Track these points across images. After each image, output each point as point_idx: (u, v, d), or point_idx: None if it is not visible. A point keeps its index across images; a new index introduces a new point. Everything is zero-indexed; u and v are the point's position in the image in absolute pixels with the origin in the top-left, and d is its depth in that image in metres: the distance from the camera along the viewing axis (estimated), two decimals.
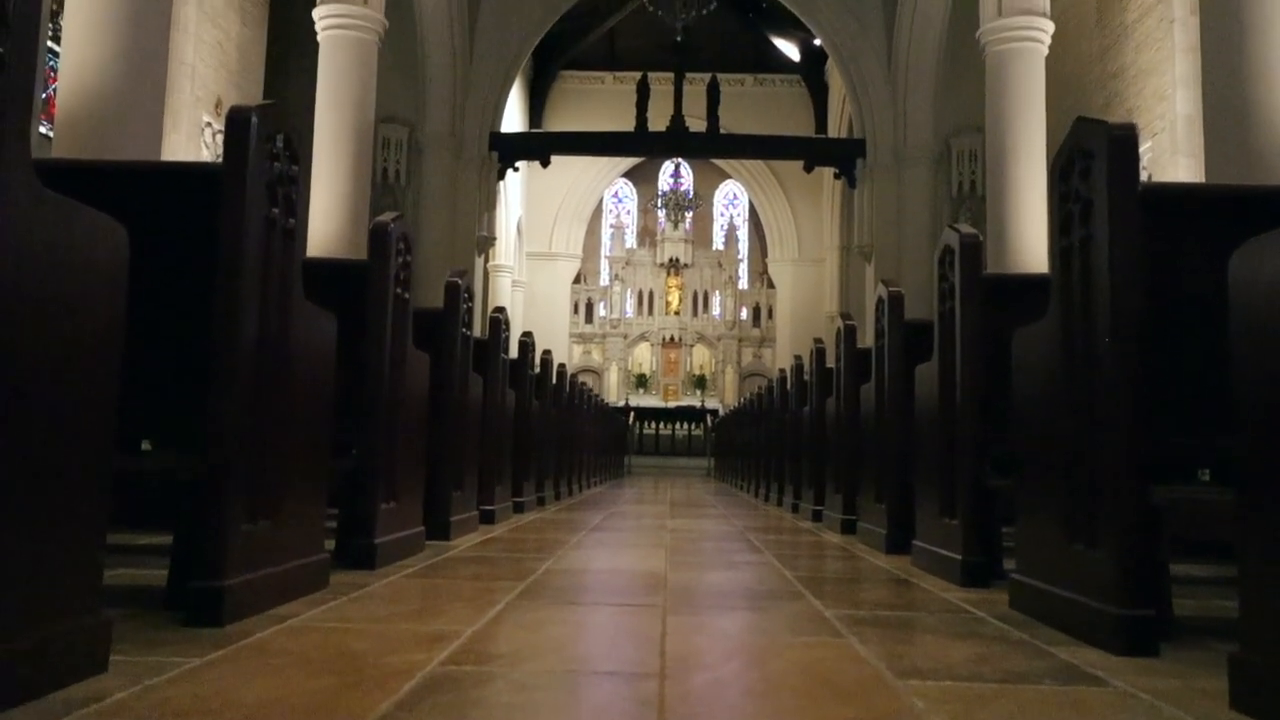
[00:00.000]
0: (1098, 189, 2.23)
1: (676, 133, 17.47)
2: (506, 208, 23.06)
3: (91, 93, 5.42)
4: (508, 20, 16.15)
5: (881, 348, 4.39)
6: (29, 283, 1.47)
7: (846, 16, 16.23)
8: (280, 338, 2.37)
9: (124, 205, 2.08)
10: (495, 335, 5.23)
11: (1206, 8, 6.19)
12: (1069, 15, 12.84)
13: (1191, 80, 10.05)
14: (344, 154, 10.17)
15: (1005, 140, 10.10)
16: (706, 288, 28.52)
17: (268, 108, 2.25)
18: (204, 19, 10.94)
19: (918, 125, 15.42)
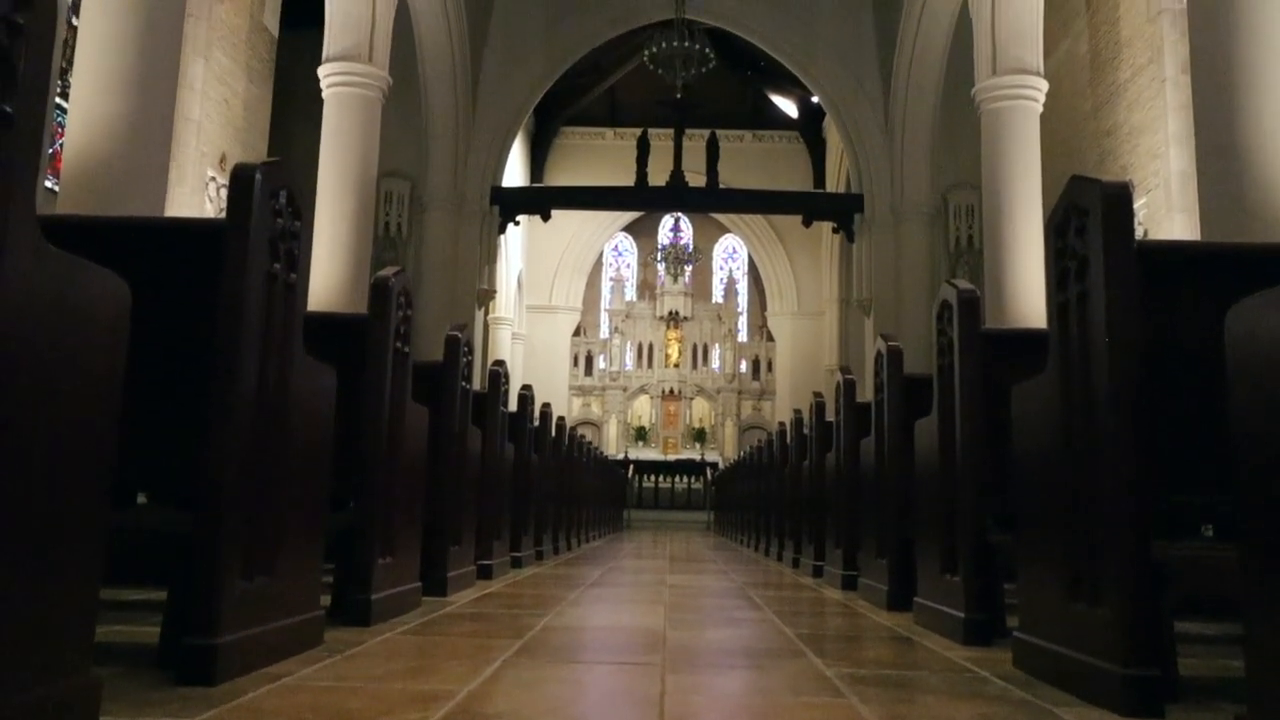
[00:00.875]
0: (1093, 246, 2.24)
1: (676, 187, 17.67)
2: (507, 261, 23.21)
3: (98, 149, 5.49)
4: (510, 78, 16.41)
5: (881, 402, 4.39)
6: (31, 338, 1.47)
7: (844, 75, 16.50)
8: (279, 392, 2.37)
9: (127, 260, 2.09)
10: (495, 388, 5.23)
11: (1197, 68, 6.29)
12: (1062, 74, 13.05)
13: (1184, 138, 10.18)
14: (346, 208, 10.27)
15: (1001, 196, 10.21)
16: (706, 341, 28.60)
17: (271, 165, 2.27)
18: (211, 77, 11.11)
19: (915, 181, 15.60)
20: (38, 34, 1.40)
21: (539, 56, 16.64)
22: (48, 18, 1.41)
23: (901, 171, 15.73)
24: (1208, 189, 5.72)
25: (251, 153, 12.17)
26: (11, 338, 1.42)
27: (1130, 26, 11.65)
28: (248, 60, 11.99)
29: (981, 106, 10.57)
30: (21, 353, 1.45)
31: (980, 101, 10.57)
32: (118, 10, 5.71)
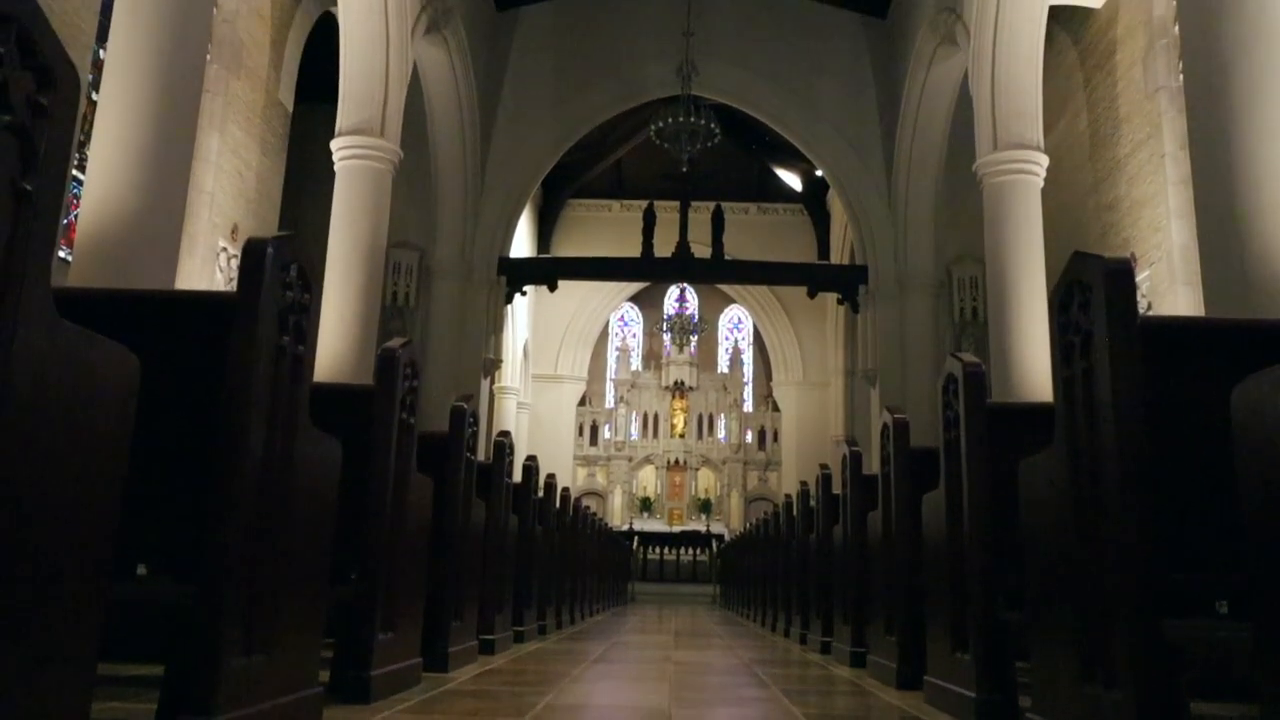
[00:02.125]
0: (1097, 321, 2.25)
1: (682, 258, 17.82)
2: (513, 330, 23.34)
3: (112, 221, 5.58)
4: (519, 151, 16.70)
5: (888, 475, 4.36)
6: (42, 411, 1.48)
7: (847, 149, 16.77)
8: (284, 465, 2.37)
9: (137, 332, 2.11)
10: (499, 459, 5.21)
11: (1196, 143, 6.38)
12: (1062, 149, 13.25)
13: (1185, 211, 10.29)
14: (355, 278, 10.37)
15: (1005, 269, 10.28)
16: (711, 411, 28.56)
17: (283, 239, 2.31)
18: (225, 149, 11.32)
19: (919, 253, 15.73)
20: (60, 114, 1.43)
21: (548, 130, 16.96)
22: (71, 98, 1.45)
23: (905, 244, 15.87)
24: (1210, 264, 5.76)
25: (263, 224, 12.34)
26: (23, 411, 1.42)
27: (1129, 103, 11.86)
28: (262, 134, 12.23)
29: (984, 181, 10.70)
30: (32, 426, 1.45)
31: (982, 176, 10.71)
32: (137, 87, 5.85)
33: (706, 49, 16.13)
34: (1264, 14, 6.19)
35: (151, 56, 5.92)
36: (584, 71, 17.01)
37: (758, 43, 17.06)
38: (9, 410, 1.40)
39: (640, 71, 16.91)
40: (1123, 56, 12.01)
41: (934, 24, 13.25)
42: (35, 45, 1.37)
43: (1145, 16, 11.37)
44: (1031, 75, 10.62)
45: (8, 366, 1.38)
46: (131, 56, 5.94)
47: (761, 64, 17.00)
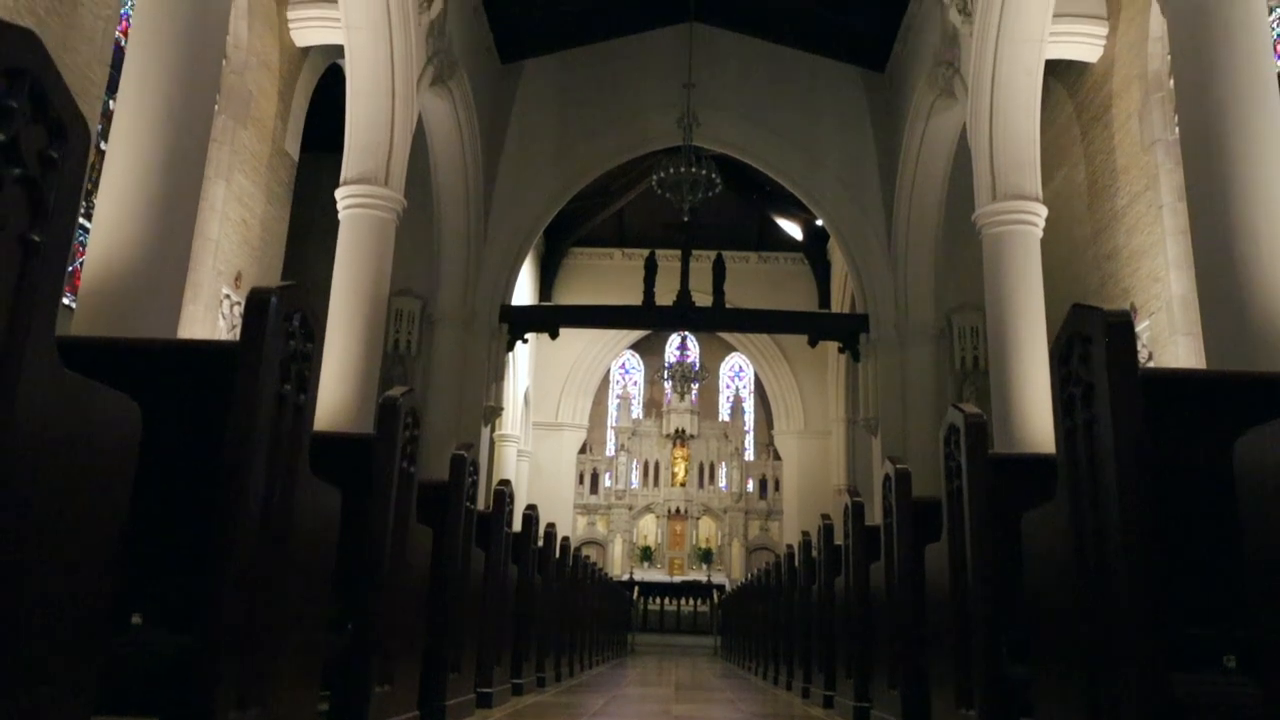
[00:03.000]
0: (1098, 373, 2.26)
1: (683, 307, 17.89)
2: (514, 378, 23.34)
3: (117, 269, 5.61)
4: (522, 200, 16.85)
5: (890, 525, 4.34)
6: (44, 461, 1.48)
7: (846, 199, 16.92)
8: (283, 513, 2.36)
9: (139, 381, 2.12)
10: (499, 509, 5.18)
11: (1193, 195, 6.44)
12: (1061, 199, 13.36)
13: (1184, 262, 10.34)
14: (357, 326, 10.40)
15: (1005, 318, 10.30)
16: (713, 459, 28.45)
17: (287, 289, 2.32)
18: (231, 198, 11.43)
19: (919, 302, 15.79)
20: (70, 167, 1.45)
21: (550, 180, 17.12)
22: (81, 151, 1.47)
23: (905, 293, 15.93)
24: (1210, 315, 5.78)
25: (267, 271, 12.42)
26: (25, 461, 1.42)
27: (1125, 155, 11.98)
28: (268, 182, 12.36)
29: (983, 231, 10.77)
30: (34, 476, 1.45)
31: (981, 226, 10.78)
32: (145, 138, 5.92)
33: (707, 100, 16.35)
34: (1256, 69, 6.30)
35: (160, 108, 6.01)
36: (587, 122, 17.23)
37: (758, 94, 17.30)
38: (11, 459, 1.40)
39: (642, 122, 17.12)
40: (1119, 110, 12.16)
41: (932, 77, 13.44)
42: (48, 99, 1.39)
43: (1140, 70, 11.53)
44: (1029, 127, 10.74)
45: (11, 416, 1.38)
46: (141, 108, 6.03)
47: (762, 115, 17.22)
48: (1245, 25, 6.38)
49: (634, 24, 17.34)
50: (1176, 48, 6.82)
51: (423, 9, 11.81)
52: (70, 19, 8.17)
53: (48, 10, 7.86)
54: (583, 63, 17.41)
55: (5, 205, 1.31)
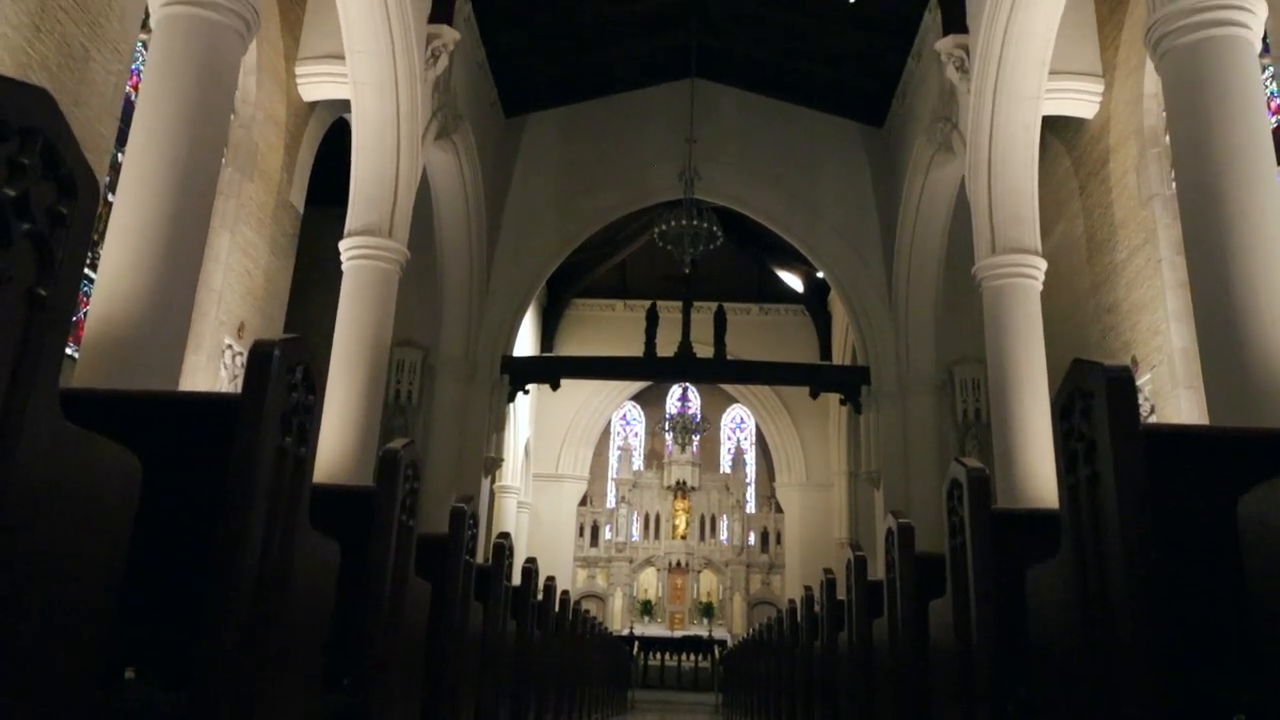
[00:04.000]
0: (1100, 429, 2.25)
1: (684, 358, 17.93)
2: (515, 429, 23.30)
3: (120, 320, 5.64)
4: (524, 253, 16.99)
5: (893, 581, 4.29)
6: (43, 513, 1.48)
7: (847, 251, 17.04)
8: (282, 568, 2.34)
9: (140, 433, 2.12)
10: (499, 562, 5.14)
11: (1191, 251, 6.49)
12: (1060, 253, 13.44)
13: (1184, 315, 10.37)
14: (359, 377, 10.42)
15: (1006, 371, 10.31)
16: (714, 512, 28.26)
17: (290, 342, 2.33)
18: (236, 249, 11.52)
19: (920, 354, 15.81)
20: (79, 222, 1.47)
21: (553, 232, 17.27)
22: (90, 207, 1.48)
23: (907, 345, 15.97)
24: (1212, 370, 5.78)
25: (270, 322, 12.46)
26: (25, 512, 1.42)
27: (1123, 210, 12.08)
28: (272, 234, 12.46)
29: (983, 284, 10.82)
30: (33, 527, 1.45)
31: (981, 279, 10.84)
32: (152, 191, 5.99)
33: (708, 155, 16.56)
34: (1251, 126, 6.38)
35: (168, 162, 6.09)
36: (589, 175, 17.43)
37: (758, 148, 17.51)
38: (11, 511, 1.39)
39: (644, 176, 17.32)
40: (1116, 164, 12.29)
41: (930, 132, 13.61)
42: (59, 157, 1.41)
43: (1136, 126, 11.68)
44: (1027, 182, 10.85)
45: (12, 469, 1.38)
46: (149, 161, 6.10)
47: (762, 169, 17.43)
48: (1239, 83, 6.48)
49: (636, 80, 17.63)
50: (1171, 105, 6.92)
51: (428, 65, 12.01)
52: (82, 74, 8.30)
53: (60, 66, 7.99)
54: (585, 117, 17.66)
55: (13, 260, 1.32)
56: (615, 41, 16.90)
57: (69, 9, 8.07)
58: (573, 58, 16.86)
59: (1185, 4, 6.63)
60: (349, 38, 10.99)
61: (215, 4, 6.68)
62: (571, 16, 15.77)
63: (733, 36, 17.06)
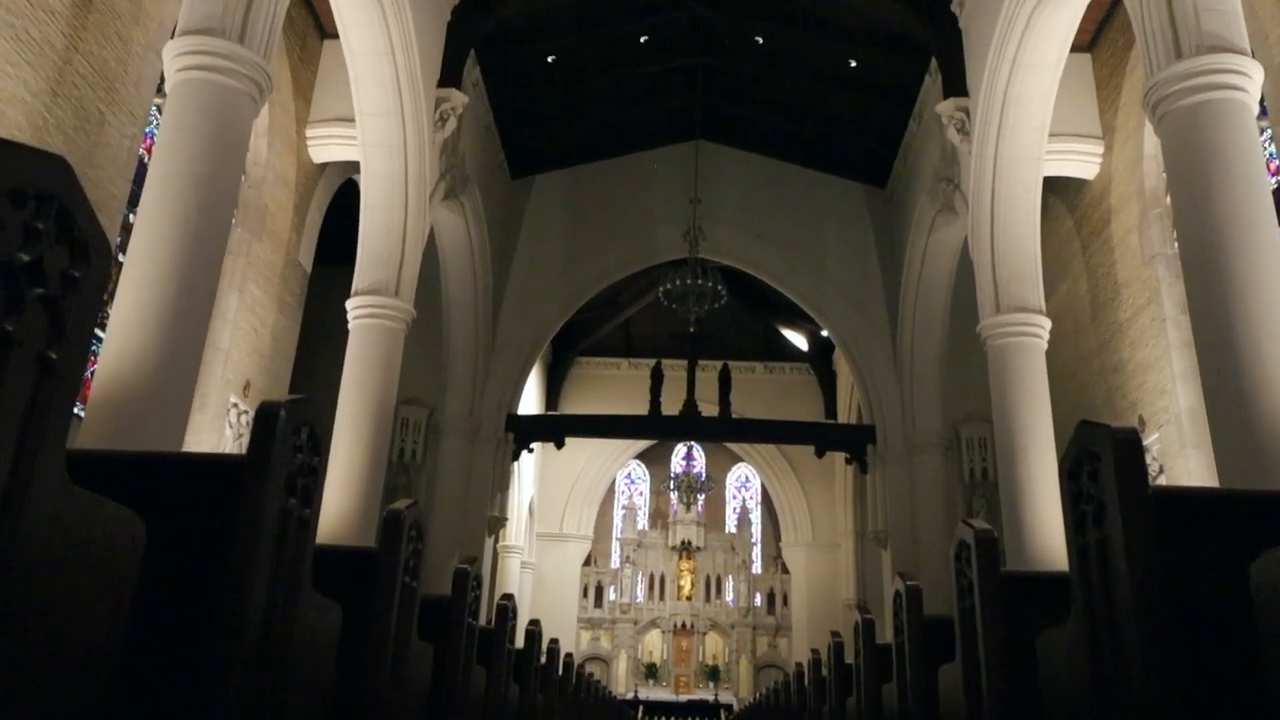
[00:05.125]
0: (1108, 491, 2.24)
1: (689, 417, 17.89)
2: (519, 488, 23.18)
3: (127, 378, 5.66)
4: (529, 311, 17.07)
5: (901, 644, 4.23)
6: (47, 575, 1.47)
7: (851, 310, 17.10)
8: (283, 632, 2.31)
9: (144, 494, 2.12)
10: (501, 625, 5.08)
11: (1196, 311, 6.50)
12: (1064, 312, 13.47)
13: (1190, 374, 10.35)
14: (364, 435, 10.40)
15: (1013, 430, 10.25)
16: (719, 572, 27.93)
17: (296, 403, 2.33)
18: (244, 308, 11.60)
19: (926, 413, 15.76)
20: (90, 286, 1.48)
21: (558, 291, 17.38)
22: (102, 272, 1.50)
23: (912, 404, 15.93)
24: (1220, 431, 5.75)
25: (276, 380, 12.49)
26: (29, 574, 1.41)
27: (1127, 269, 12.13)
28: (280, 293, 12.55)
29: (987, 343, 10.82)
30: (37, 590, 1.44)
31: (986, 338, 10.84)
32: (162, 251, 6.06)
33: (713, 215, 16.73)
34: (1251, 188, 6.44)
35: (179, 223, 6.16)
36: (595, 235, 17.59)
37: (763, 208, 17.70)
38: (16, 573, 1.39)
39: (649, 235, 17.48)
40: (1118, 225, 12.38)
41: (933, 193, 13.74)
42: (73, 221, 1.43)
43: (1137, 187, 11.78)
44: (1030, 241, 10.92)
45: (17, 531, 1.37)
46: (160, 222, 6.18)
47: (766, 228, 17.58)
48: (1237, 145, 6.55)
49: (642, 142, 17.89)
50: (1171, 167, 6.99)
51: (437, 128, 12.20)
52: (97, 137, 8.45)
53: (75, 129, 8.14)
54: (591, 177, 17.88)
55: (25, 324, 1.33)
56: (621, 105, 17.20)
57: (86, 75, 8.24)
58: (578, 121, 17.13)
59: (1182, 68, 6.73)
60: (359, 100, 11.19)
61: (230, 69, 6.82)
62: (577, 81, 16.07)
63: (737, 100, 17.35)
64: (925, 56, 13.78)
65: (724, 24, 15.29)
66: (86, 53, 8.21)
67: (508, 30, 13.91)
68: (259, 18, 7.08)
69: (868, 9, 13.48)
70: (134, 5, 8.85)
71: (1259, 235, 6.26)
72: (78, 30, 8.07)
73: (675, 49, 16.00)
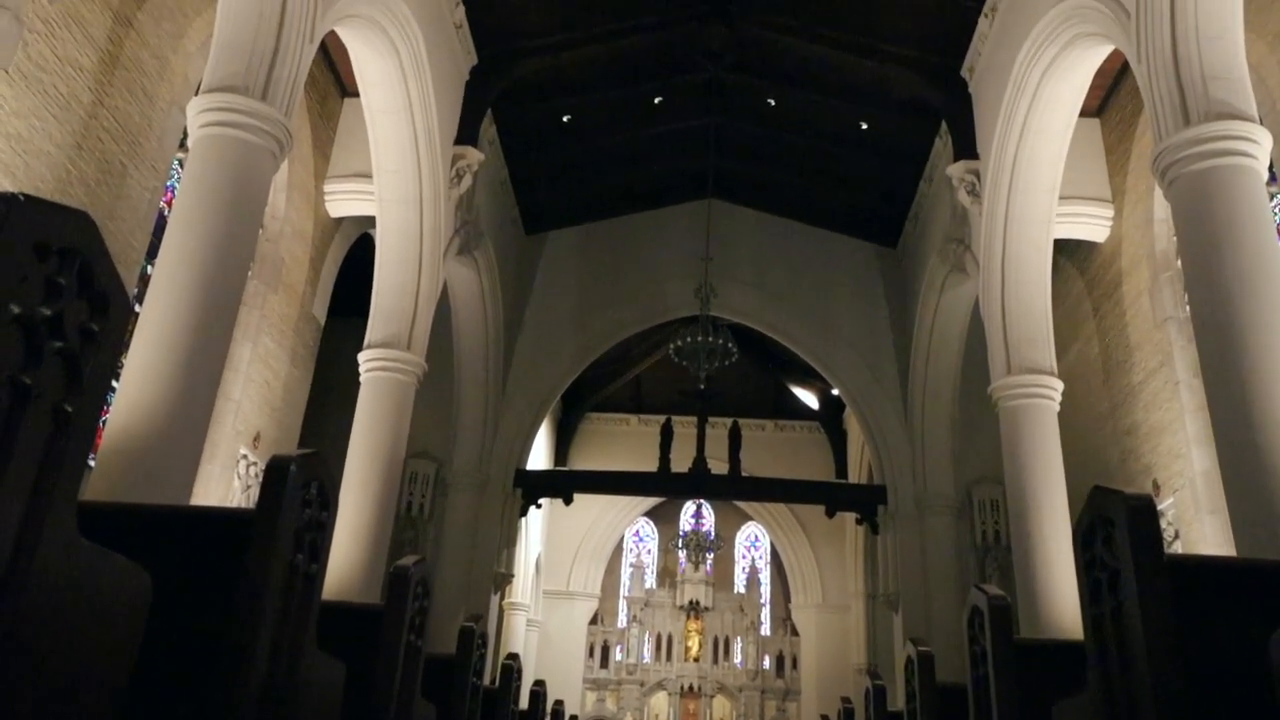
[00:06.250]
0: (1123, 558, 2.21)
1: (699, 474, 17.79)
2: (526, 544, 23.00)
3: (138, 430, 5.68)
4: (540, 366, 17.10)
5: (913, 711, 4.15)
6: (53, 629, 1.46)
7: (862, 369, 17.07)
8: (287, 687, 2.29)
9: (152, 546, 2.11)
10: (506, 685, 5.01)
11: (1209, 377, 6.46)
12: (1076, 374, 13.42)
13: (1204, 438, 10.25)
14: (372, 489, 10.37)
15: (1025, 493, 10.15)
16: (727, 633, 27.51)
17: (307, 458, 2.34)
18: (256, 359, 11.66)
19: (937, 474, 15.63)
20: (108, 340, 1.50)
21: (569, 346, 17.42)
22: (120, 326, 1.52)
23: (924, 464, 15.81)
24: (1236, 499, 5.69)
25: (286, 432, 12.50)
26: (36, 626, 1.40)
27: (1138, 332, 12.11)
28: (293, 345, 12.63)
29: (999, 404, 10.77)
30: (44, 642, 1.43)
31: (998, 399, 10.79)
32: (178, 304, 6.12)
33: (724, 272, 16.81)
34: (1262, 251, 6.44)
35: (196, 275, 6.23)
36: (607, 291, 17.68)
37: (774, 267, 17.78)
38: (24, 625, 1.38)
39: (660, 292, 17.56)
40: (1129, 287, 12.38)
41: (943, 253, 13.80)
42: (94, 275, 1.45)
43: (1148, 250, 11.80)
44: (1041, 303, 10.91)
45: (27, 583, 1.37)
46: (177, 274, 6.25)
47: (777, 287, 17.65)
48: (1247, 211, 6.57)
49: (654, 200, 18.07)
50: (1182, 232, 7.01)
51: (453, 184, 12.37)
52: (119, 190, 8.59)
53: (98, 182, 8.28)
54: (604, 234, 18.03)
55: (43, 377, 1.35)
56: (634, 164, 17.41)
57: (111, 129, 8.41)
58: (592, 179, 17.34)
59: (1191, 134, 6.79)
60: (378, 157, 11.36)
61: (252, 126, 6.95)
62: (591, 140, 16.29)
63: (749, 159, 17.55)
64: (936, 119, 13.95)
65: (737, 86, 15.53)
66: (112, 107, 8.38)
67: (524, 89, 14.16)
68: (282, 76, 7.23)
69: (879, 74, 13.69)
70: (160, 62, 9.06)
71: (1271, 301, 6.25)
72: (104, 85, 8.25)
73: (688, 109, 16.24)
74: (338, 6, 8.53)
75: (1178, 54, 7.00)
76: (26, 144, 7.31)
